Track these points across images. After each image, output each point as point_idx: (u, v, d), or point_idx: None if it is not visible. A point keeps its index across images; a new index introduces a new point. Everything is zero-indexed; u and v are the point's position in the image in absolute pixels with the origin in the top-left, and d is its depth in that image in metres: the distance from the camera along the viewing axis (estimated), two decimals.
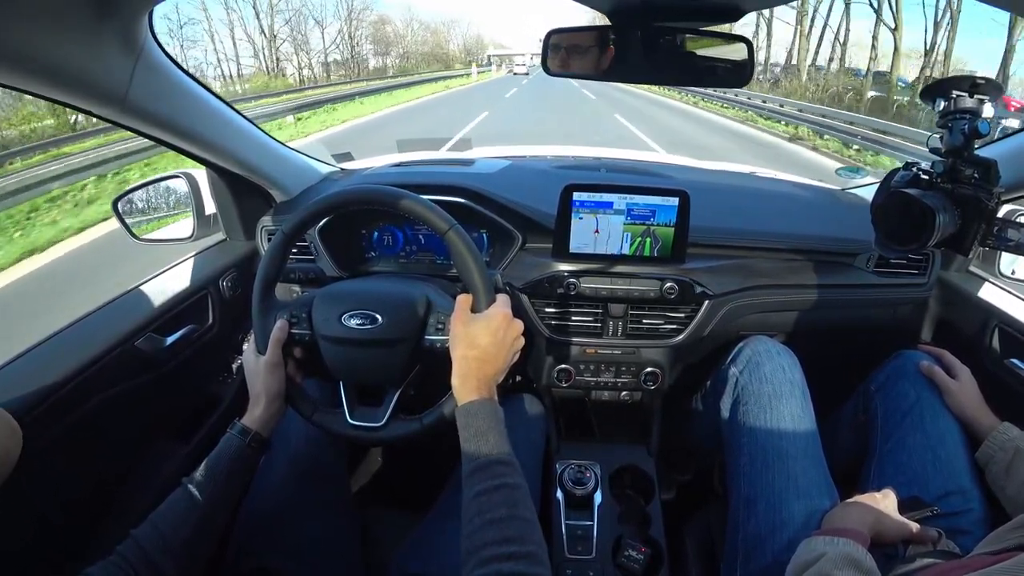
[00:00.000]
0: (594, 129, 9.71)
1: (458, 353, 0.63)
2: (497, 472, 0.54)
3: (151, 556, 0.56)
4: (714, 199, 1.08)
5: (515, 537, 0.49)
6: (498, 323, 0.64)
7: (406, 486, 0.77)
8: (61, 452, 0.70)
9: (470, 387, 0.61)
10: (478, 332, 0.63)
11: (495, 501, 0.52)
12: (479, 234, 1.04)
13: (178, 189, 1.05)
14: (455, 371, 0.63)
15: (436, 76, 32.23)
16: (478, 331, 0.63)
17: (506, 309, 0.66)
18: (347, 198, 0.71)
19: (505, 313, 0.66)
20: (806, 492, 0.71)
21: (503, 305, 0.67)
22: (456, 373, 0.63)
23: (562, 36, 0.74)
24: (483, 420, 0.58)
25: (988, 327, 0.94)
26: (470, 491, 0.54)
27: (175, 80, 0.73)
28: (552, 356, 1.05)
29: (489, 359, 0.63)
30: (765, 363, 0.83)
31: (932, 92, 0.73)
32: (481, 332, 0.63)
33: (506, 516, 0.51)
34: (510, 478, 0.54)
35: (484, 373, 0.62)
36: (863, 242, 0.99)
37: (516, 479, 0.55)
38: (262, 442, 0.69)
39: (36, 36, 0.51)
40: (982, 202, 0.68)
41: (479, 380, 0.62)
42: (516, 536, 0.49)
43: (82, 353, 0.76)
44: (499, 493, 0.52)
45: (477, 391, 0.61)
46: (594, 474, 0.94)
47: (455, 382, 0.62)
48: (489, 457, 0.55)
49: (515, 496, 0.53)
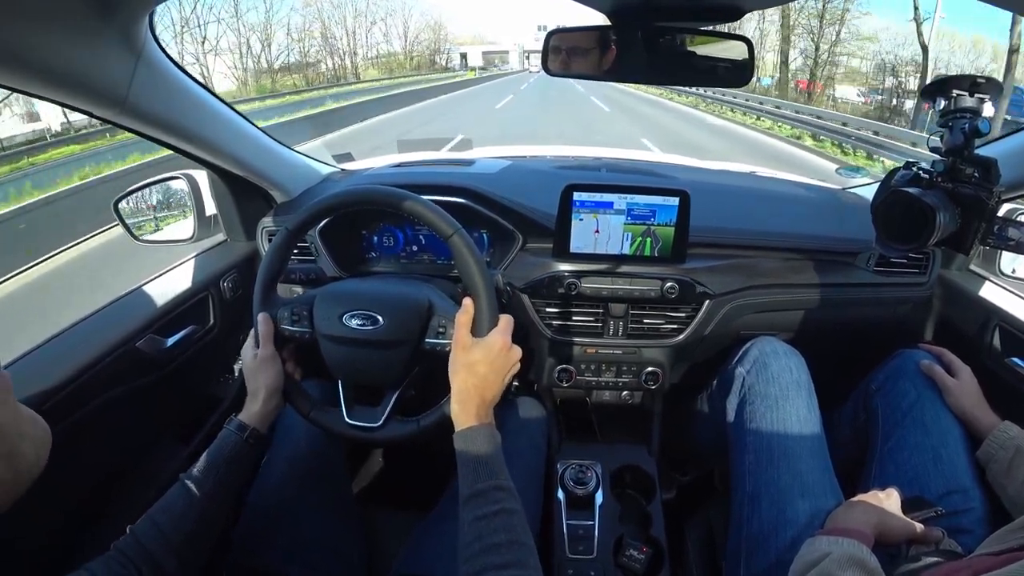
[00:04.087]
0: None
1: (458, 379, 0.64)
2: (496, 498, 0.55)
3: (151, 552, 0.56)
4: (714, 199, 1.08)
5: (515, 562, 0.51)
6: (496, 352, 0.65)
7: (407, 487, 0.77)
8: (63, 453, 0.70)
9: (469, 413, 0.62)
10: (478, 360, 0.64)
11: (494, 526, 0.53)
12: (480, 234, 1.04)
13: (179, 190, 1.05)
14: (454, 396, 0.64)
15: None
16: (478, 359, 0.64)
17: (506, 336, 0.67)
18: (351, 198, 0.71)
19: (504, 341, 0.66)
20: (811, 491, 0.71)
21: (503, 332, 0.67)
22: (455, 399, 0.64)
23: (563, 37, 0.74)
24: (482, 446, 0.59)
25: (988, 326, 0.94)
26: (469, 515, 0.55)
27: (176, 81, 0.73)
28: (553, 356, 1.05)
29: (488, 385, 0.64)
30: (772, 363, 0.83)
31: (933, 91, 0.73)
32: (481, 360, 0.64)
33: (505, 541, 0.52)
34: (508, 503, 0.55)
35: (483, 399, 0.63)
36: (864, 241, 0.99)
37: (514, 504, 0.56)
38: (260, 438, 0.69)
39: (36, 37, 0.50)
40: (982, 201, 0.68)
41: (478, 406, 0.62)
42: (516, 561, 0.51)
43: (83, 354, 0.76)
44: (498, 518, 0.54)
45: (477, 417, 0.62)
46: (595, 474, 0.94)
47: (455, 407, 0.63)
48: (488, 483, 0.56)
49: (513, 521, 0.54)
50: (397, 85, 24.54)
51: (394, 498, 1.04)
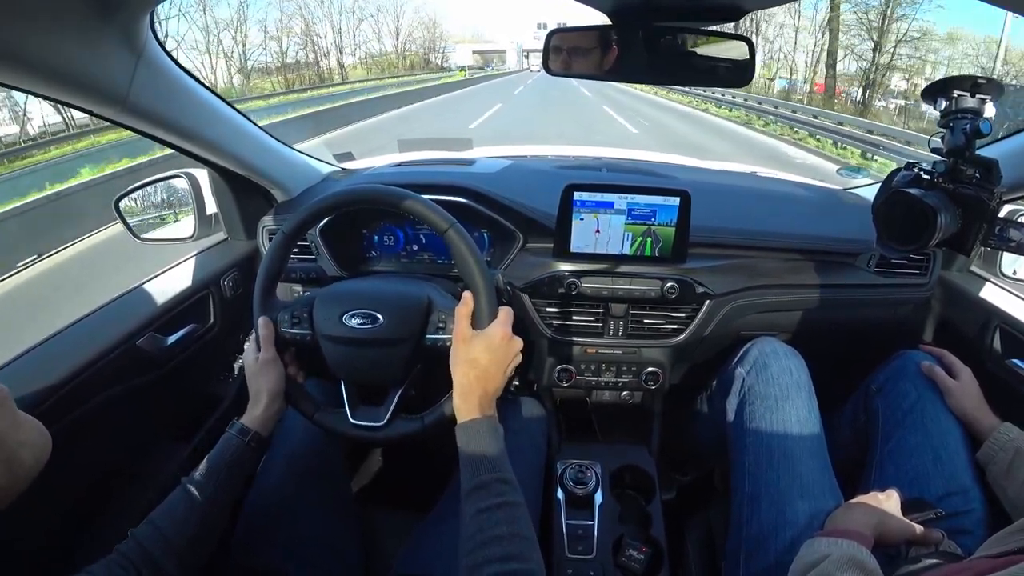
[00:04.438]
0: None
1: (459, 371, 0.64)
2: (498, 491, 0.55)
3: (152, 555, 0.56)
4: (715, 199, 1.08)
5: (517, 555, 0.51)
6: (498, 342, 0.65)
7: (407, 486, 0.78)
8: (62, 451, 0.70)
9: (471, 405, 0.62)
10: (479, 352, 0.64)
11: (497, 519, 0.53)
12: (480, 234, 1.04)
13: (179, 189, 1.06)
14: (456, 389, 0.64)
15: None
16: (478, 350, 0.64)
17: (506, 328, 0.66)
18: (348, 198, 0.71)
19: (505, 332, 0.66)
20: (810, 492, 0.71)
21: (503, 323, 0.67)
22: (457, 392, 0.63)
23: (563, 36, 0.74)
24: (484, 438, 0.59)
25: (989, 327, 0.94)
26: (471, 508, 0.54)
27: (176, 80, 0.73)
28: (553, 356, 1.05)
29: (490, 377, 0.63)
30: (772, 364, 0.83)
31: (934, 92, 0.73)
32: (481, 352, 0.64)
33: (508, 534, 0.52)
34: (510, 496, 0.55)
35: (484, 391, 0.63)
36: (864, 242, 0.99)
37: (516, 497, 0.56)
38: (261, 441, 0.69)
39: (37, 36, 0.51)
40: (983, 202, 0.68)
41: (480, 398, 0.62)
42: (518, 554, 0.51)
43: (83, 352, 0.76)
44: (501, 511, 0.53)
45: (479, 409, 0.61)
46: (595, 474, 0.94)
47: (456, 400, 0.63)
48: (491, 475, 0.56)
49: (515, 514, 0.54)
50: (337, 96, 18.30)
51: (393, 497, 1.04)
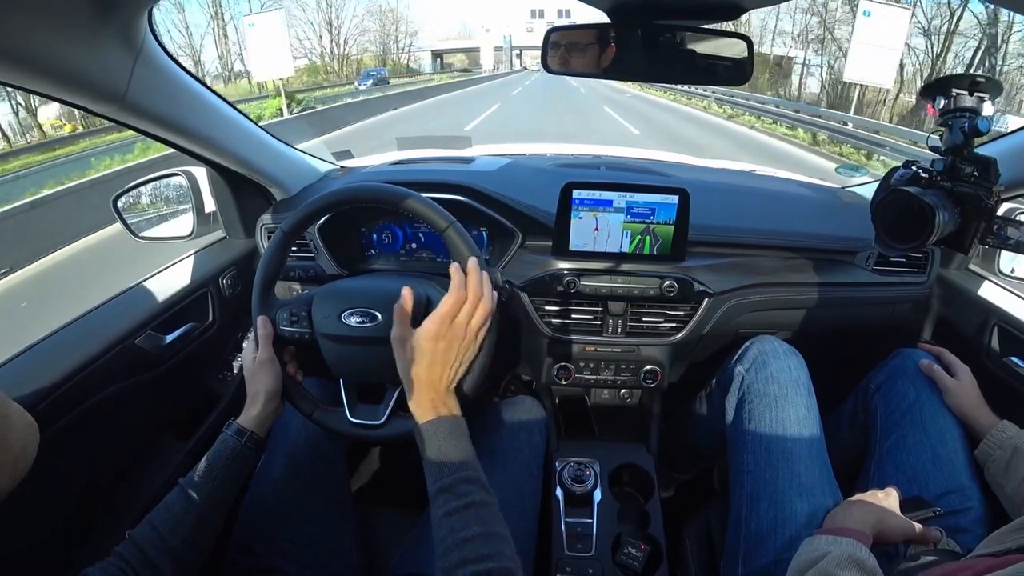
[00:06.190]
0: None
1: (404, 376, 0.59)
2: (463, 491, 0.53)
3: (150, 556, 0.56)
4: (714, 197, 1.08)
5: (490, 554, 0.50)
6: (431, 337, 0.58)
7: (406, 486, 0.77)
8: (61, 450, 0.70)
9: (425, 407, 0.58)
10: (418, 340, 0.58)
11: (466, 519, 0.51)
12: (479, 232, 1.04)
13: (178, 187, 1.05)
14: (408, 395, 0.59)
15: None
16: (418, 339, 0.58)
17: (439, 320, 0.58)
18: (346, 196, 0.71)
19: (436, 327, 0.58)
20: (810, 491, 0.71)
21: (433, 319, 0.59)
22: (408, 396, 0.59)
23: (562, 34, 0.74)
24: (442, 439, 0.56)
25: (988, 325, 0.94)
26: (438, 511, 0.53)
27: (175, 78, 0.73)
28: (552, 354, 1.05)
29: (436, 363, 0.58)
30: (771, 362, 0.83)
31: (932, 90, 0.73)
32: (420, 350, 0.58)
33: (479, 534, 0.50)
34: (476, 495, 0.53)
35: (435, 389, 0.58)
36: (863, 240, 0.99)
37: (483, 495, 0.54)
38: (258, 442, 0.69)
39: (35, 33, 0.50)
40: (982, 200, 0.68)
41: (432, 399, 0.58)
42: (491, 553, 0.50)
43: (82, 351, 0.76)
44: (468, 511, 0.52)
45: (434, 410, 0.57)
46: (594, 472, 0.94)
47: (410, 405, 0.59)
48: (453, 477, 0.54)
49: (483, 513, 0.52)
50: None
51: (392, 497, 1.04)
